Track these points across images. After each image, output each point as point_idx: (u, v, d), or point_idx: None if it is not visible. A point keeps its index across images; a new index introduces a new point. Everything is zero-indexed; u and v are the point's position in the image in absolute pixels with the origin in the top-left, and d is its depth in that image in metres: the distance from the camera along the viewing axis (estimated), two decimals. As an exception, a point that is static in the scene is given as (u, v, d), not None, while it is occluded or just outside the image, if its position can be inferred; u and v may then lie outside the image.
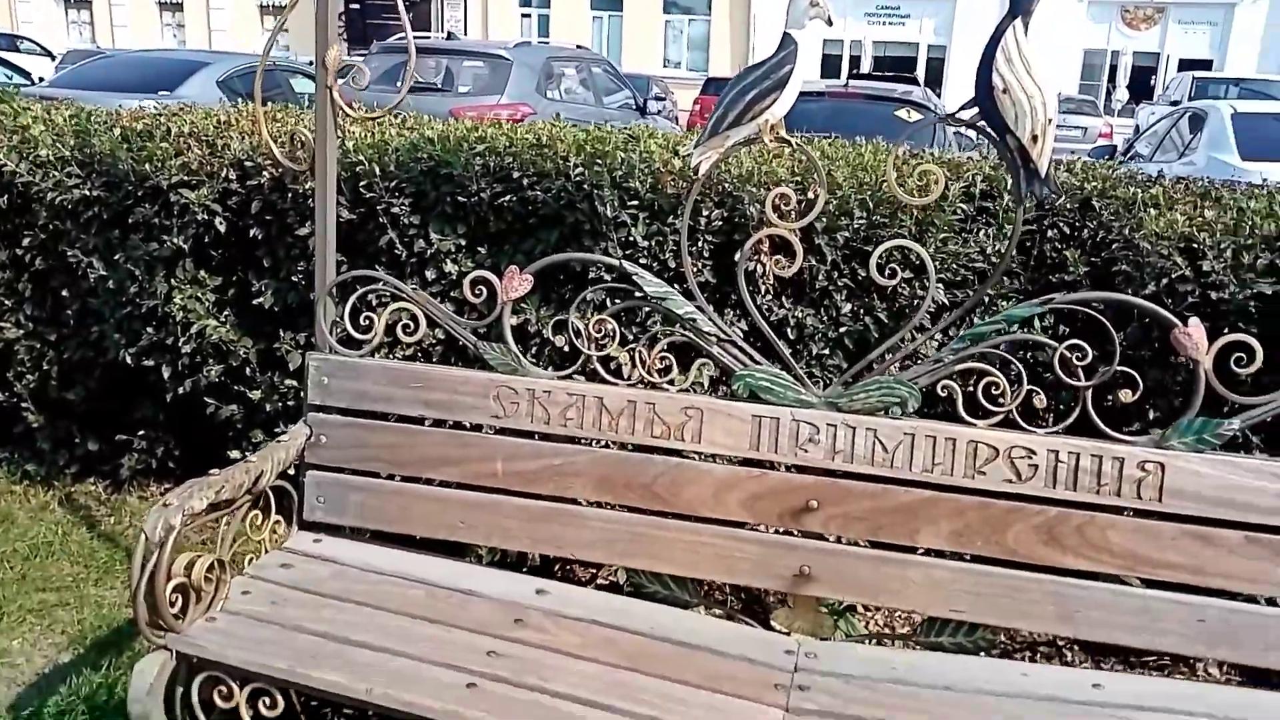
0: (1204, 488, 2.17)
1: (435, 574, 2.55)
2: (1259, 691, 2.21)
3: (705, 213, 2.92)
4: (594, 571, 3.22)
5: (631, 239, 2.96)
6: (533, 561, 2.96)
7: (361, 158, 3.12)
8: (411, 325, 2.62)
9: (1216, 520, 2.17)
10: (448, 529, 2.59)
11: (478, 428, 2.61)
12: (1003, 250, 2.78)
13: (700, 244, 2.97)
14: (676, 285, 2.55)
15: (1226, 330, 2.23)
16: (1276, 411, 2.18)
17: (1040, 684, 2.22)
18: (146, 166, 3.34)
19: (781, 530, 2.47)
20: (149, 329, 3.45)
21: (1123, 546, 2.21)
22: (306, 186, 3.12)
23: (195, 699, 2.22)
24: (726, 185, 2.92)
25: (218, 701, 2.21)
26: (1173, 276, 2.76)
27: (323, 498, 2.66)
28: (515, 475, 2.54)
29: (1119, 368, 2.24)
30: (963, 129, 2.36)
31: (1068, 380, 2.26)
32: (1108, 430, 2.23)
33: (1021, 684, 2.22)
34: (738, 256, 2.45)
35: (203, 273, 3.43)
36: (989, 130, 2.20)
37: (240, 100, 4.07)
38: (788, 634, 2.45)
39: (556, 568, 3.10)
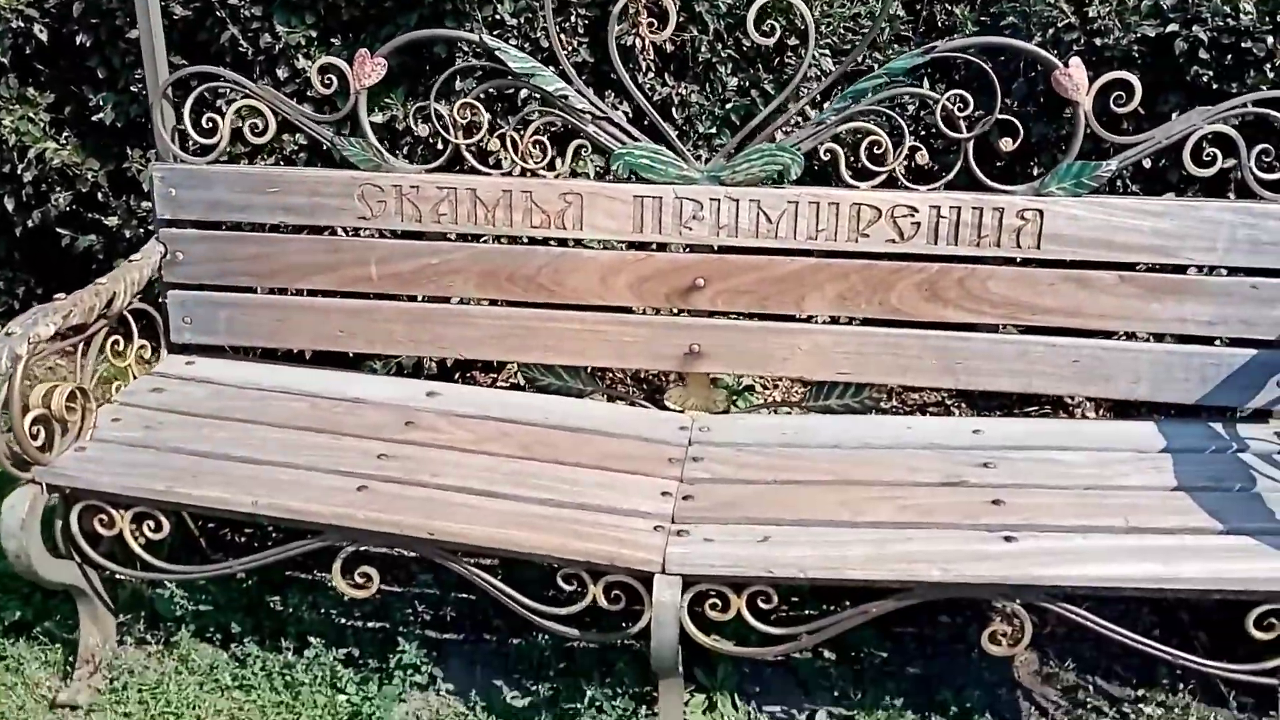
0: (1081, 231, 2.17)
1: (320, 385, 2.47)
2: (1125, 423, 2.31)
3: (575, -17, 2.70)
4: (495, 377, 3.18)
5: (499, 17, 2.74)
6: (430, 370, 2.90)
7: (186, -58, 2.79)
8: (260, 125, 2.41)
9: (1093, 263, 2.19)
10: (327, 339, 2.49)
11: (349, 233, 2.47)
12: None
13: (573, 19, 2.76)
14: (552, 68, 2.37)
15: (1111, 76, 2.18)
16: (1153, 150, 2.17)
17: (923, 435, 2.29)
18: (-59, -31, 2.94)
19: (670, 311, 2.43)
20: (-19, 158, 3.15)
21: (1002, 295, 2.22)
22: (129, -20, 2.78)
23: (75, 529, 2.15)
24: (595, -50, 2.69)
25: (100, 530, 2.14)
26: (1059, 25, 2.68)
27: (189, 318, 2.52)
28: (392, 278, 2.42)
29: (1001, 116, 2.18)
30: None
31: (950, 133, 2.20)
32: (988, 182, 2.20)
33: (905, 436, 2.29)
34: (610, 26, 2.28)
35: (31, 90, 3.11)
36: None
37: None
38: (682, 412, 2.46)
39: (456, 375, 3.05)
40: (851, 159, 2.25)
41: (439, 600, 2.56)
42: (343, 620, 2.51)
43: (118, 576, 2.33)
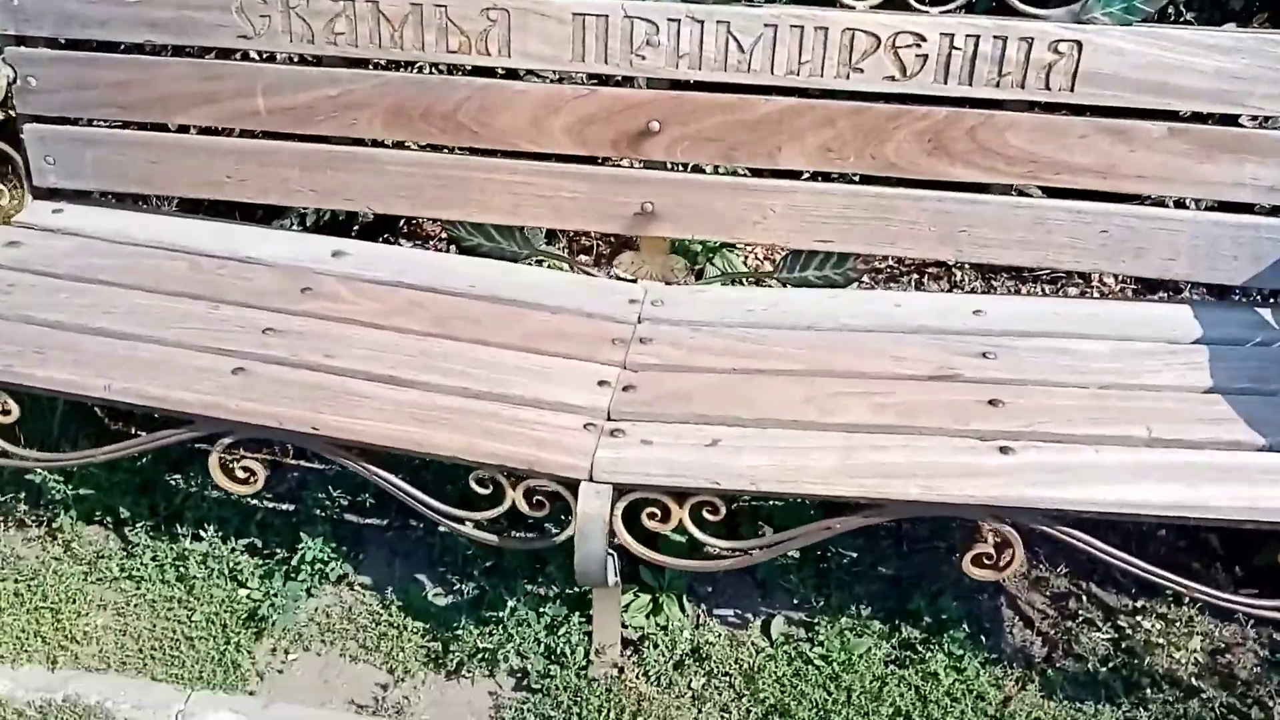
0: (1127, 69, 1.74)
1: (206, 241, 2.09)
2: (1155, 305, 1.95)
3: None
4: (428, 235, 2.78)
5: None
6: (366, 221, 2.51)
7: None
8: (113, -88, 1.94)
9: (1137, 110, 1.77)
10: (211, 185, 2.10)
11: (232, 55, 2.03)
12: None
13: None
14: None
15: None
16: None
17: (914, 315, 1.93)
18: None
19: (618, 161, 2.02)
20: None
21: (1022, 150, 1.81)
22: None
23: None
24: None
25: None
26: None
27: (51, 157, 2.12)
28: (284, 113, 2.01)
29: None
30: None
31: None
32: (1017, 3, 1.75)
33: (893, 316, 1.93)
34: None
35: None
36: None
37: None
38: (634, 282, 2.10)
39: (384, 237, 2.66)
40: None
41: (358, 484, 2.27)
42: (249, 504, 2.23)
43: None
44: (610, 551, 1.69)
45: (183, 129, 2.11)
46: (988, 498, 1.53)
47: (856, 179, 1.94)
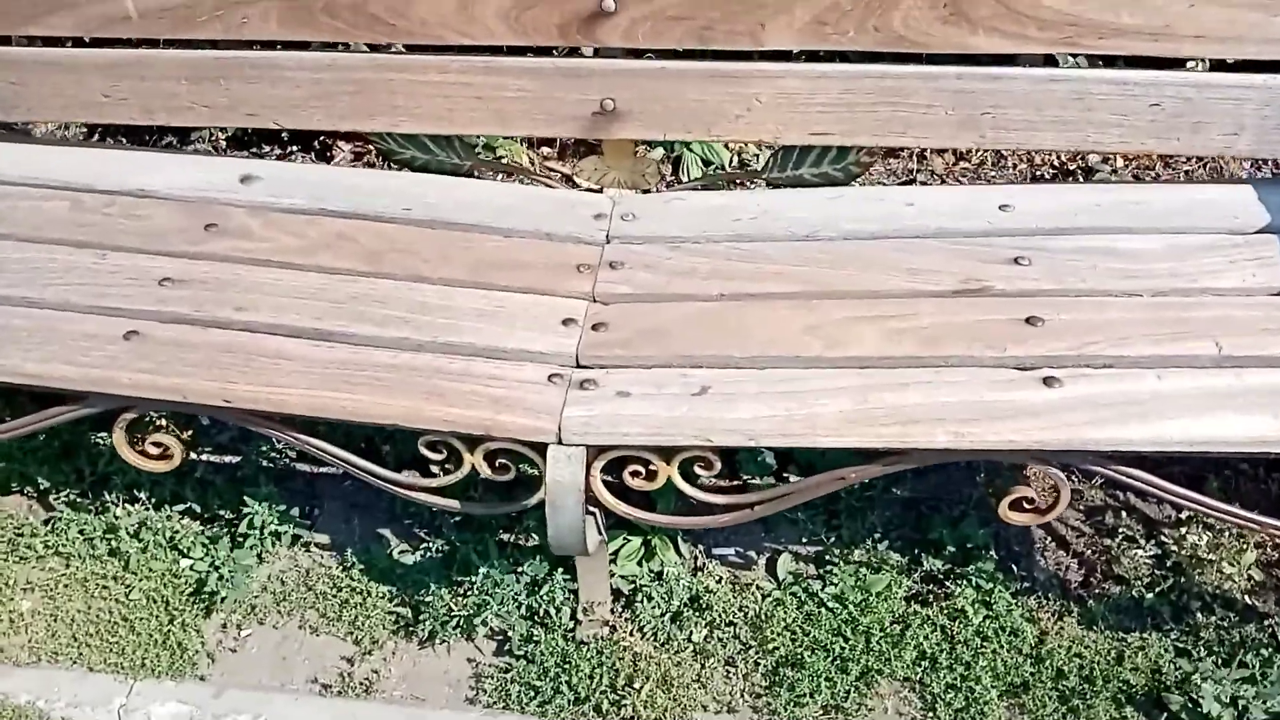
0: (1188, -103, 1.41)
1: (90, 173, 1.76)
2: (1212, 188, 1.67)
3: None
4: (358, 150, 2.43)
5: None
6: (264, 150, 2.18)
7: None
8: None
9: (1197, -48, 1.45)
10: (88, 107, 1.75)
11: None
12: None
13: None
14: None
15: None
16: None
17: (929, 214, 1.64)
18: None
19: (568, 51, 1.69)
20: None
21: (1058, 11, 1.49)
22: None
23: None
24: None
25: None
26: None
27: (-111, 84, 1.77)
28: (159, 15, 1.64)
29: None
30: None
31: None
32: None
33: (904, 218, 1.64)
34: None
35: None
36: None
37: None
38: (600, 191, 1.79)
39: (296, 153, 2.31)
40: None
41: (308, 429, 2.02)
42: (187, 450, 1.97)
43: None
44: (591, 510, 1.45)
45: (43, 42, 1.75)
46: (1033, 442, 1.28)
47: (855, 56, 1.62)
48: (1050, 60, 1.59)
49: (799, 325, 1.46)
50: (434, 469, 1.54)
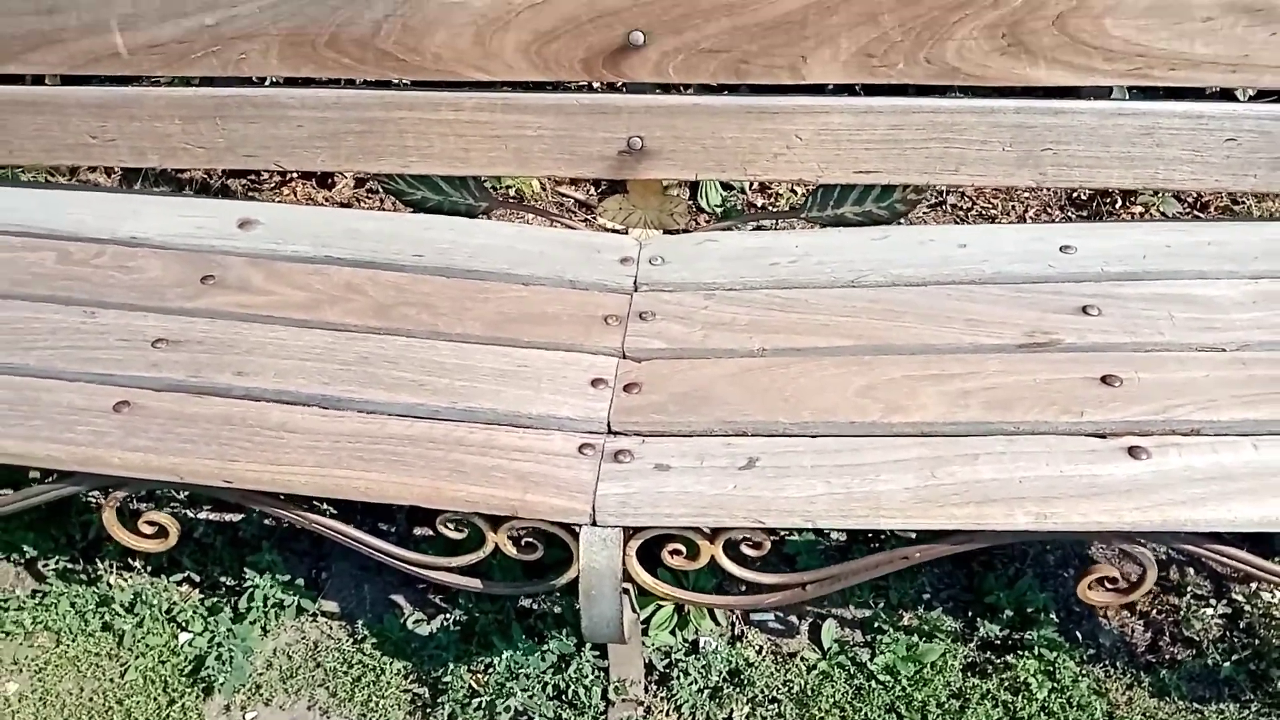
0: (1272, -79, 1.29)
1: (76, 219, 1.64)
2: (1287, 226, 1.55)
3: None
4: (355, 192, 2.31)
5: None
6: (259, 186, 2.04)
7: None
8: None
9: (1281, -23, 1.33)
10: (74, 149, 1.62)
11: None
12: None
13: None
14: None
15: None
16: None
17: (984, 256, 1.51)
18: None
19: (594, 86, 1.57)
20: None
21: (1127, 40, 1.37)
22: None
23: None
24: None
25: None
26: None
27: None
28: (152, 52, 1.52)
29: None
30: None
31: None
32: None
33: (958, 261, 1.52)
34: None
35: None
36: None
37: None
38: (625, 231, 1.67)
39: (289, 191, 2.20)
40: None
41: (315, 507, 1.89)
42: (182, 518, 1.84)
43: None
44: (625, 588, 1.33)
45: (25, 80, 1.63)
46: (1125, 525, 1.15)
47: (905, 89, 1.50)
48: (1110, 92, 1.47)
49: (852, 387, 1.33)
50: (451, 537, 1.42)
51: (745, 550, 1.28)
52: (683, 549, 1.29)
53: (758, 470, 1.25)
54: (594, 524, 1.24)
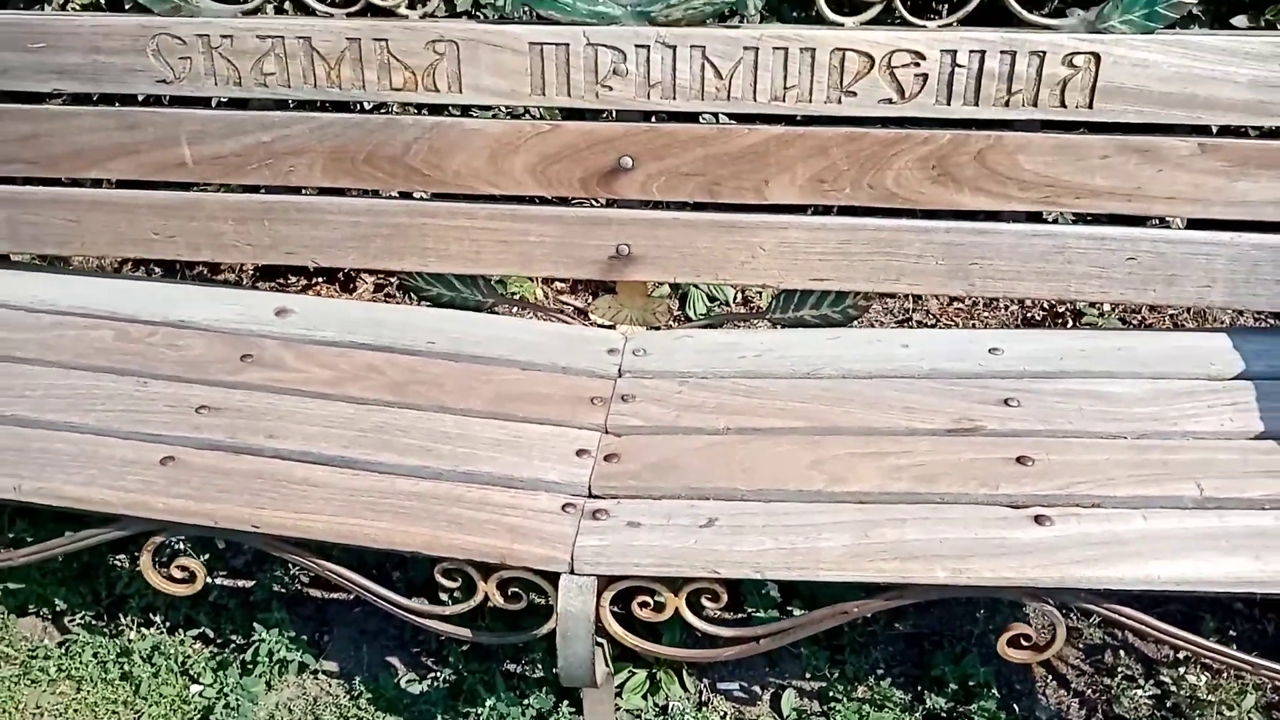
0: (1152, 83, 1.55)
1: (134, 304, 1.88)
2: (1191, 335, 1.77)
3: None
4: (379, 283, 2.57)
5: None
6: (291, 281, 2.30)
7: None
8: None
9: (1164, 126, 1.59)
10: (137, 243, 1.88)
11: (152, 102, 1.82)
12: None
13: None
14: None
15: None
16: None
17: (923, 355, 1.74)
18: None
19: (589, 201, 1.83)
20: None
21: (1037, 173, 1.63)
22: None
23: None
24: None
25: None
26: None
27: (-44, 220, 1.90)
28: (213, 163, 1.79)
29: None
30: None
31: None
32: (1024, 13, 1.57)
33: (900, 359, 1.74)
34: None
35: None
36: None
37: None
38: (613, 327, 1.90)
39: (320, 286, 2.46)
40: (833, -19, 1.61)
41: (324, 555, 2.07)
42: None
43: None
44: (599, 641, 1.50)
45: (96, 183, 1.90)
46: (1026, 579, 1.34)
47: (853, 210, 1.75)
48: (1036, 216, 1.73)
49: (803, 461, 1.54)
50: (443, 595, 1.59)
51: (704, 602, 1.46)
52: (650, 601, 1.47)
53: (716, 529, 1.44)
54: (572, 572, 1.42)
